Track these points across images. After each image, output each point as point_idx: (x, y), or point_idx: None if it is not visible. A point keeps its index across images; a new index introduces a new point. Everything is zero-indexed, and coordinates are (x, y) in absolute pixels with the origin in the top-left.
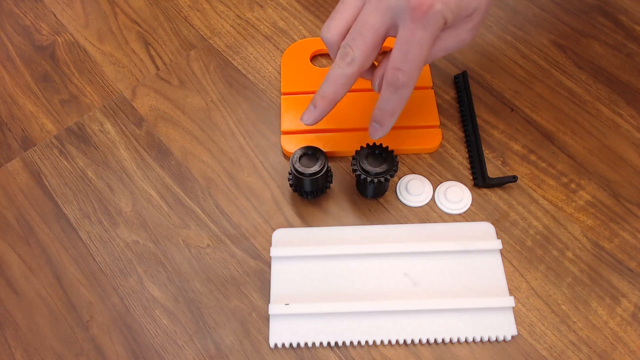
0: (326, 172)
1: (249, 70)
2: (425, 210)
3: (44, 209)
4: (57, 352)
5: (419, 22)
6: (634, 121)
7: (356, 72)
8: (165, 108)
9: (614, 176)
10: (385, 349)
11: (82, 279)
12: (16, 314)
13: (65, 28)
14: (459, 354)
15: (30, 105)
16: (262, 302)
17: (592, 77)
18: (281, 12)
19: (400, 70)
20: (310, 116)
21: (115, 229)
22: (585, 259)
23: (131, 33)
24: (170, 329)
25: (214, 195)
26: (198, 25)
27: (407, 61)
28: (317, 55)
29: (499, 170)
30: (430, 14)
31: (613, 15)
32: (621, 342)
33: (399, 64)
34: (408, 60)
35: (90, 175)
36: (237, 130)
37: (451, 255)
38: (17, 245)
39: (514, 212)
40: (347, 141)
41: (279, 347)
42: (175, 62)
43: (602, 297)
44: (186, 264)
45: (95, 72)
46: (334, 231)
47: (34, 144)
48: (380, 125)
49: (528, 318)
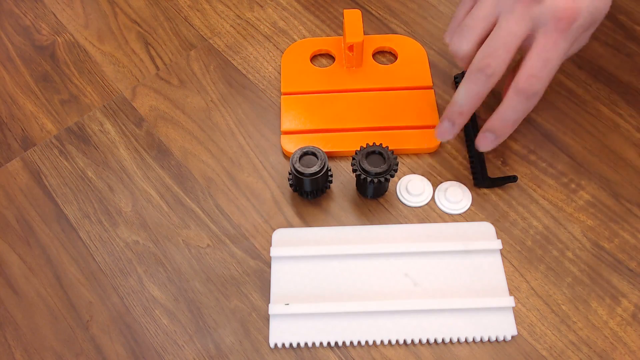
0: (326, 172)
1: (249, 70)
2: (425, 210)
3: (44, 209)
4: (57, 352)
5: (563, 32)
6: (634, 121)
7: (494, 84)
8: (165, 108)
9: (614, 176)
10: (385, 349)
11: (82, 279)
12: (16, 314)
13: (65, 28)
14: (459, 354)
15: (30, 105)
16: (262, 302)
17: (592, 77)
18: (281, 12)
19: (536, 77)
20: (450, 133)
21: (115, 229)
22: (585, 259)
23: (131, 33)
24: (170, 329)
25: (214, 195)
26: (198, 25)
27: (546, 69)
28: (317, 55)
29: (499, 170)
30: (574, 25)
31: (613, 15)
32: (621, 342)
33: (537, 71)
34: (547, 68)
35: (90, 175)
36: (237, 130)
37: (451, 255)
38: (17, 245)
39: (514, 212)
40: (347, 141)
41: (279, 347)
42: (175, 62)
43: (602, 297)
44: (186, 264)
45: (95, 72)
46: (334, 231)
47: (34, 144)
48: (497, 135)
49: (528, 318)
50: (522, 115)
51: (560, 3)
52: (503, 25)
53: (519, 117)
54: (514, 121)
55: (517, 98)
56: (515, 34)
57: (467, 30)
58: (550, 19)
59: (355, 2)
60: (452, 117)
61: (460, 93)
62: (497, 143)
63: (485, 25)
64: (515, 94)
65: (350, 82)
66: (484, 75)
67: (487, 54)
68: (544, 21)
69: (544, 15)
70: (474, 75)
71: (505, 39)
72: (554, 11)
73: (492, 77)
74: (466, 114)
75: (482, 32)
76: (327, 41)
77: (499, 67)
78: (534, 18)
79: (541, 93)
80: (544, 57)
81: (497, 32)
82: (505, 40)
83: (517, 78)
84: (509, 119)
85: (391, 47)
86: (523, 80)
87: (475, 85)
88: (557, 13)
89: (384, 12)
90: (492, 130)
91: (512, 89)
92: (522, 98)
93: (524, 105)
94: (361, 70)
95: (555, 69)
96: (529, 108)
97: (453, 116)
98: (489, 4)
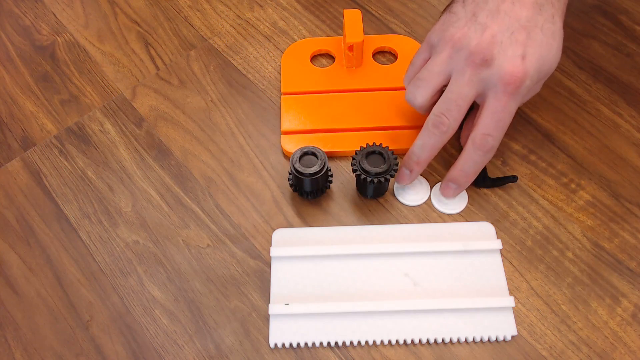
0: (326, 172)
1: (249, 70)
2: (425, 210)
3: (44, 209)
4: (57, 352)
5: (511, 95)
6: (634, 121)
7: (449, 138)
8: (165, 108)
9: (614, 176)
10: (385, 349)
11: (82, 279)
12: (16, 314)
13: (65, 28)
14: (459, 354)
15: (30, 105)
16: (262, 302)
17: (592, 77)
18: (281, 12)
19: (491, 135)
20: (408, 179)
21: (115, 229)
22: (585, 259)
23: (131, 33)
24: (170, 329)
25: (214, 195)
26: (198, 25)
27: (498, 128)
28: (317, 55)
29: (499, 170)
30: (522, 88)
31: (613, 15)
32: (621, 342)
33: (491, 130)
34: (499, 127)
35: (90, 175)
36: (237, 130)
37: (451, 255)
38: (17, 245)
39: (514, 212)
40: (347, 141)
41: (279, 347)
42: (175, 62)
43: (602, 297)
44: (186, 264)
45: (95, 72)
46: (334, 231)
47: (34, 144)
48: (459, 185)
49: (528, 318)
50: (481, 166)
51: (507, 67)
52: (454, 87)
53: (476, 169)
54: (473, 172)
55: (475, 152)
56: (466, 96)
57: (422, 83)
58: (499, 82)
59: (355, 2)
60: (410, 166)
61: (417, 145)
62: (460, 192)
63: (439, 80)
64: (473, 149)
65: (350, 82)
66: (439, 131)
67: (441, 112)
68: (493, 84)
69: (492, 78)
70: (430, 131)
71: (457, 100)
72: (501, 75)
73: (447, 132)
74: (423, 164)
75: (436, 86)
76: (327, 41)
77: (452, 124)
78: (483, 80)
79: (496, 147)
80: (496, 118)
81: (450, 93)
82: (457, 102)
83: (474, 135)
84: (467, 171)
85: (391, 47)
86: (479, 138)
87: (431, 139)
88: (504, 78)
89: (384, 12)
90: (453, 181)
91: (470, 144)
92: (480, 152)
93: (482, 158)
94: (361, 70)
95: (507, 126)
96: (485, 161)
97: (411, 165)
98: (443, 61)
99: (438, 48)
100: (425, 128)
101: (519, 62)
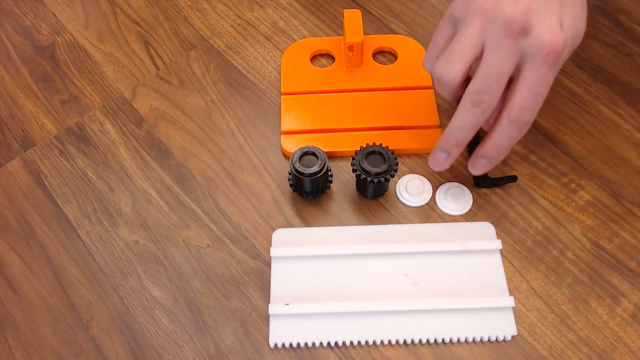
0: (326, 172)
1: (249, 70)
2: (425, 210)
3: (44, 209)
4: (57, 352)
5: (550, 65)
6: (634, 121)
7: (488, 116)
8: (165, 108)
9: (614, 176)
10: (385, 349)
11: (82, 279)
12: (16, 314)
13: (65, 28)
14: (459, 354)
15: (30, 105)
16: (262, 302)
17: (592, 77)
18: (281, 12)
19: (529, 109)
20: (445, 163)
21: (115, 229)
22: (585, 259)
23: (131, 33)
24: (170, 329)
25: (214, 195)
26: (198, 25)
27: (537, 101)
28: (317, 55)
29: (499, 170)
30: (561, 57)
31: (613, 15)
32: (621, 342)
33: (529, 103)
34: (537, 100)
35: (90, 175)
36: (237, 130)
37: (451, 255)
38: (17, 245)
39: (514, 212)
40: (347, 141)
41: (279, 347)
42: (175, 62)
43: (602, 297)
44: (186, 264)
45: (95, 72)
46: (334, 231)
47: (34, 144)
48: (489, 161)
49: (528, 318)
50: (514, 142)
51: (547, 36)
52: (492, 61)
53: (511, 144)
54: (506, 148)
55: (510, 127)
56: (506, 69)
57: (454, 57)
58: (538, 52)
59: (355, 2)
60: (448, 148)
61: (454, 126)
62: (490, 168)
63: (473, 52)
64: (508, 124)
65: (350, 82)
66: (479, 110)
67: (480, 89)
68: (532, 54)
69: (532, 49)
70: (469, 110)
71: (497, 74)
72: (542, 45)
73: (487, 111)
74: (461, 145)
75: (470, 58)
76: (327, 41)
77: (493, 101)
78: (522, 51)
79: (532, 121)
80: (535, 91)
81: (487, 68)
82: (497, 76)
83: (509, 108)
84: (501, 146)
85: (391, 47)
86: (515, 111)
87: (469, 119)
88: (545, 47)
89: (384, 12)
90: (485, 157)
91: (505, 118)
92: (515, 127)
93: (516, 134)
94: (361, 70)
95: (545, 96)
96: (520, 135)
97: (449, 147)
98: (474, 31)
99: (466, 21)
100: (463, 107)
101: (558, 30)
